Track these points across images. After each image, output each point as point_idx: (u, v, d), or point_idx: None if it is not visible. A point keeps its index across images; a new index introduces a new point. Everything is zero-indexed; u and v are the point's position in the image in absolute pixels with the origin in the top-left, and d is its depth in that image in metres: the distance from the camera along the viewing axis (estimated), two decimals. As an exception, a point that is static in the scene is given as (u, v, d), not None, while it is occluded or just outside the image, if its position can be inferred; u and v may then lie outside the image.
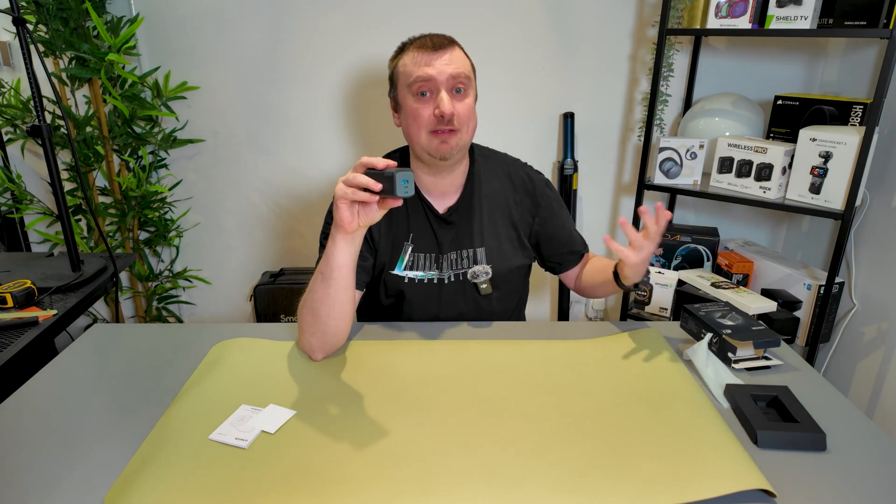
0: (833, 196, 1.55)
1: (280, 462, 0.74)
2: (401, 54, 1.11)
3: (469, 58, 1.12)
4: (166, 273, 2.16)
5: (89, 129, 1.88)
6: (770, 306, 1.62)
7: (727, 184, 1.73)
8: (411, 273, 1.17)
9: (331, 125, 2.03)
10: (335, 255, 0.93)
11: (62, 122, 1.88)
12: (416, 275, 1.17)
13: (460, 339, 1.06)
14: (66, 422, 0.83)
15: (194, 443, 0.77)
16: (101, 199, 2.03)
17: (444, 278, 1.17)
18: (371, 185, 0.84)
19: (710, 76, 1.92)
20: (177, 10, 1.90)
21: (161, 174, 2.07)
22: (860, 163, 1.47)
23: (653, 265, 1.93)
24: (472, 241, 1.17)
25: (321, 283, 0.95)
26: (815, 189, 1.58)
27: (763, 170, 1.64)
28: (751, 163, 1.66)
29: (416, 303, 1.18)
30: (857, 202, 1.55)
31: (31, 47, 1.18)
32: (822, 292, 1.65)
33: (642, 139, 1.79)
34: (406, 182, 0.82)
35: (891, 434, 1.57)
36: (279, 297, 2.04)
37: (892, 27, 1.37)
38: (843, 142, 1.50)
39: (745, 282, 1.85)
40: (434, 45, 1.06)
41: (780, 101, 1.74)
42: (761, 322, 1.01)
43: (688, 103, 1.93)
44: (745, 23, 1.55)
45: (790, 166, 1.62)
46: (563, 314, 2.18)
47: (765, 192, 1.65)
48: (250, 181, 2.10)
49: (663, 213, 0.98)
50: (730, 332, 0.98)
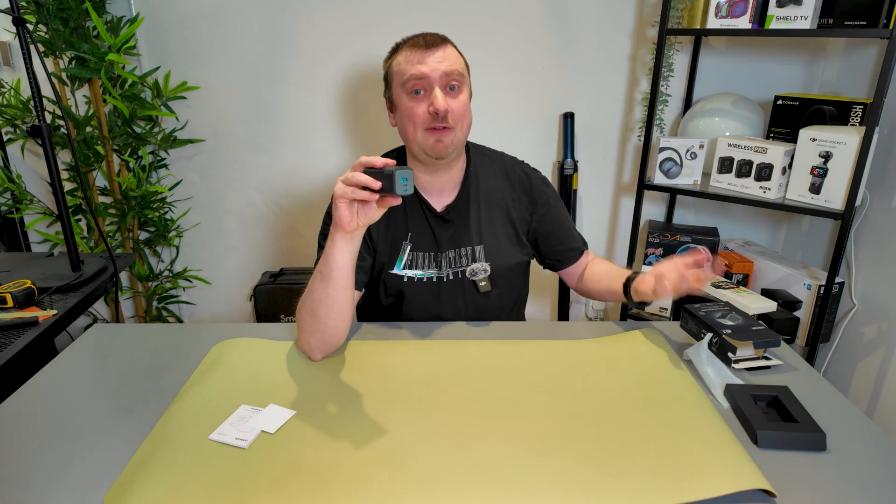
0: (833, 196, 1.55)
1: (280, 462, 0.74)
2: (394, 54, 1.11)
3: (462, 56, 1.12)
4: (166, 273, 2.16)
5: (89, 129, 1.88)
6: (770, 306, 1.62)
7: (727, 184, 1.73)
8: (410, 272, 1.17)
9: (331, 125, 2.03)
10: (334, 255, 0.93)
11: (62, 122, 1.88)
12: (416, 274, 1.17)
13: (460, 339, 1.06)
14: (66, 422, 0.83)
15: (194, 443, 0.77)
16: (101, 199, 2.03)
17: (443, 277, 1.17)
18: (370, 184, 0.84)
19: (710, 76, 1.92)
20: (177, 10, 1.90)
21: (161, 174, 2.07)
22: (860, 163, 1.47)
23: (653, 265, 1.93)
24: (471, 239, 1.17)
25: (320, 282, 0.95)
26: (815, 189, 1.58)
27: (763, 170, 1.64)
28: (751, 163, 1.66)
29: (415, 302, 1.18)
30: (857, 202, 1.55)
31: (31, 47, 1.18)
32: (822, 292, 1.65)
33: (642, 139, 1.79)
34: (405, 180, 0.82)
35: (891, 434, 1.57)
36: (279, 297, 2.04)
37: (892, 27, 1.37)
38: (843, 142, 1.50)
39: (745, 282, 1.85)
40: (427, 43, 1.06)
41: (780, 101, 1.74)
42: (761, 322, 1.01)
43: (688, 103, 1.93)
44: (745, 23, 1.55)
45: (790, 166, 1.62)
46: (563, 314, 2.18)
47: (765, 192, 1.65)
48: (250, 181, 2.10)
49: (718, 264, 0.97)
50: (730, 332, 0.98)
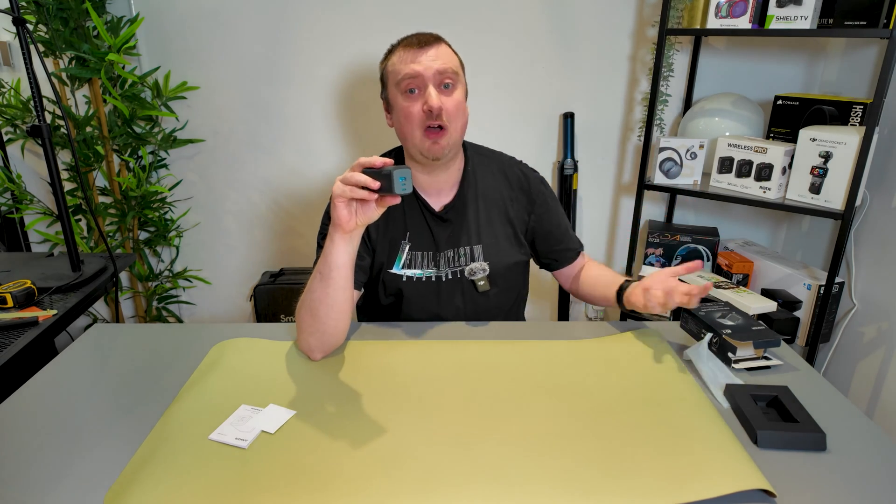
0: (833, 196, 1.55)
1: (280, 462, 0.74)
2: (389, 55, 1.12)
3: (457, 54, 1.12)
4: (166, 273, 2.16)
5: (89, 129, 1.88)
6: (770, 306, 1.62)
7: (727, 184, 1.73)
8: (409, 272, 1.17)
9: (331, 125, 2.03)
10: (333, 255, 0.93)
11: (62, 122, 1.88)
12: (414, 273, 1.17)
13: (460, 339, 1.06)
14: (66, 422, 0.83)
15: (194, 443, 0.77)
16: (101, 199, 2.03)
17: (442, 276, 1.17)
18: (369, 184, 0.84)
19: (710, 76, 1.92)
20: (177, 10, 1.90)
21: (161, 174, 2.07)
22: (860, 163, 1.46)
23: (652, 265, 1.93)
24: (469, 238, 1.17)
25: (319, 282, 0.95)
26: (815, 189, 1.58)
27: (763, 170, 1.64)
28: (751, 163, 1.66)
29: (414, 301, 1.18)
30: (857, 202, 1.55)
31: (31, 47, 1.18)
32: (822, 292, 1.65)
33: (642, 139, 1.79)
34: (404, 179, 0.82)
35: (891, 434, 1.57)
36: (279, 297, 2.04)
37: (892, 27, 1.37)
38: (843, 142, 1.50)
39: (745, 282, 1.85)
40: (420, 42, 1.07)
41: (780, 101, 1.74)
42: (761, 322, 1.01)
43: (688, 103, 1.93)
44: (745, 23, 1.55)
45: (790, 166, 1.62)
46: (563, 314, 2.18)
47: (765, 192, 1.65)
48: (250, 181, 2.10)
49: (707, 287, 0.98)
50: (730, 332, 0.98)
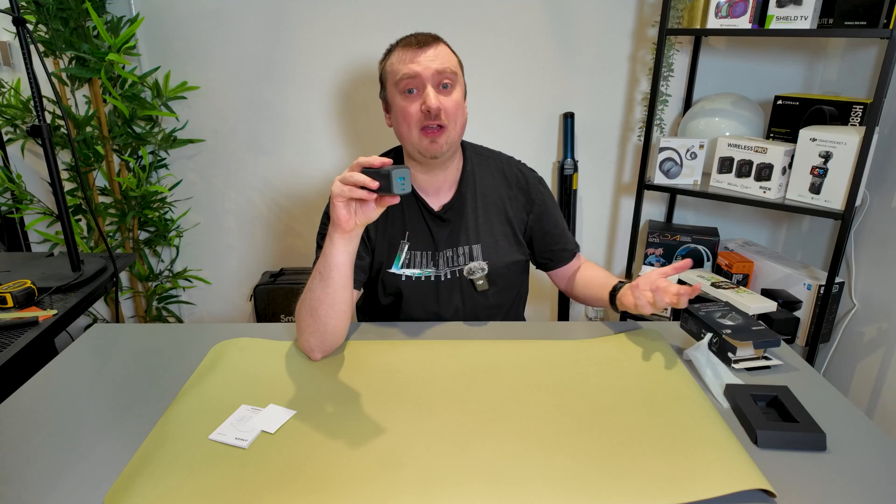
0: (833, 196, 1.55)
1: (280, 462, 0.74)
2: (388, 55, 1.12)
3: (456, 54, 1.12)
4: (166, 273, 2.16)
5: (89, 129, 1.88)
6: (770, 306, 1.62)
7: (727, 184, 1.73)
8: (408, 271, 1.17)
9: (331, 125, 2.03)
10: (333, 255, 0.93)
11: (62, 122, 1.88)
12: (414, 273, 1.17)
13: (459, 339, 1.06)
14: (66, 422, 0.83)
15: (194, 443, 0.77)
16: (101, 199, 2.03)
17: (441, 275, 1.17)
18: (368, 183, 0.84)
19: (710, 76, 1.92)
20: (177, 10, 1.90)
21: (161, 174, 2.07)
22: (860, 163, 1.46)
23: (652, 265, 1.93)
24: (468, 237, 1.17)
25: (319, 282, 0.95)
26: (815, 189, 1.58)
27: (763, 170, 1.64)
28: (751, 163, 1.66)
29: (414, 301, 1.18)
30: (857, 202, 1.55)
31: (31, 47, 1.18)
32: (822, 292, 1.65)
33: (642, 139, 1.79)
34: (403, 179, 0.82)
35: (891, 434, 1.57)
36: (279, 297, 2.04)
37: (892, 27, 1.37)
38: (843, 142, 1.50)
39: (745, 282, 1.85)
40: (418, 42, 1.07)
41: (780, 101, 1.74)
42: (761, 322, 1.01)
43: (688, 103, 1.93)
44: (745, 23, 1.55)
45: (790, 166, 1.62)
46: (563, 314, 2.18)
47: (765, 192, 1.65)
48: (250, 181, 2.10)
49: (696, 288, 0.98)
50: (730, 332, 0.98)
